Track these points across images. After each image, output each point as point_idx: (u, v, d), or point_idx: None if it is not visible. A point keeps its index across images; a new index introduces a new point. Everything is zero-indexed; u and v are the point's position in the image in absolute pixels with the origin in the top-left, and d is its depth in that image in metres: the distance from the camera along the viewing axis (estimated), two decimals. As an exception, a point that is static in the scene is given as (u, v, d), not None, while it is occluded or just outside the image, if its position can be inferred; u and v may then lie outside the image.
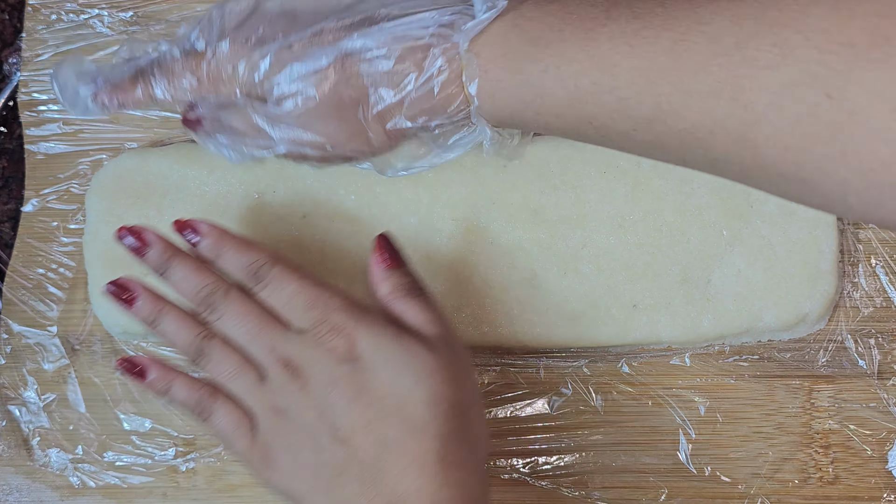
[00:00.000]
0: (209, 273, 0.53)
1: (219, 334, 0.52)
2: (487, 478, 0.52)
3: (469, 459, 0.49)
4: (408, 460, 0.48)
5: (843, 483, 0.60)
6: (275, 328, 0.51)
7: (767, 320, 0.60)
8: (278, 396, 0.50)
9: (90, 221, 0.63)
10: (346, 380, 0.49)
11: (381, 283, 0.53)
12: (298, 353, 0.50)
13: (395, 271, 0.53)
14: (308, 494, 0.50)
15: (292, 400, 0.50)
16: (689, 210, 0.61)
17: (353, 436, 0.49)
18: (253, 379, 0.51)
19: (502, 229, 0.61)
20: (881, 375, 0.61)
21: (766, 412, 0.61)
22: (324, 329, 0.50)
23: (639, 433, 0.61)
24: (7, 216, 0.67)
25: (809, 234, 0.60)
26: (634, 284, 0.60)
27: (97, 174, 0.64)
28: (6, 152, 0.68)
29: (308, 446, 0.50)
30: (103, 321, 0.63)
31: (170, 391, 0.53)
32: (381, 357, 0.49)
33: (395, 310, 0.52)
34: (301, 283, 0.52)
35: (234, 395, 0.52)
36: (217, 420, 0.52)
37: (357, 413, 0.49)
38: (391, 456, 0.48)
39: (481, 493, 0.49)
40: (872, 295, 0.62)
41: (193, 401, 0.53)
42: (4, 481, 0.63)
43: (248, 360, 0.52)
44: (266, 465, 0.51)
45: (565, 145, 0.62)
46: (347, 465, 0.49)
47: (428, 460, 0.48)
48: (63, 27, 0.67)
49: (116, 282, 0.54)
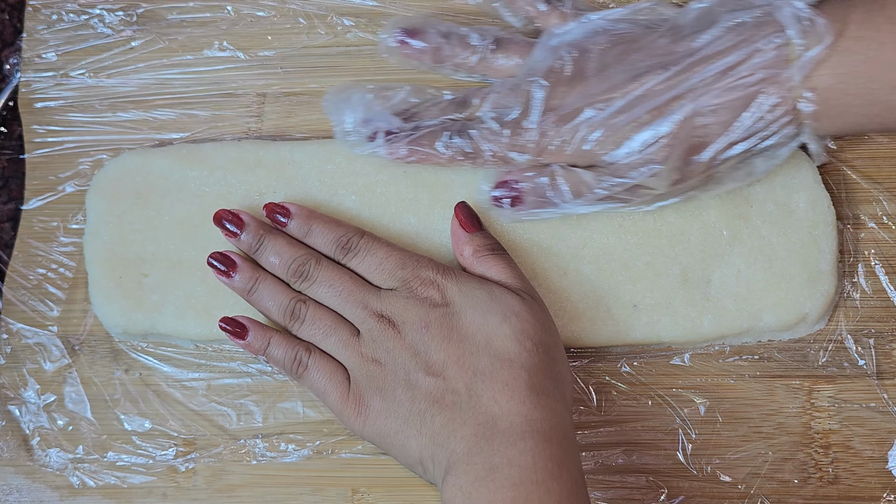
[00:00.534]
0: (301, 245, 0.58)
1: (313, 297, 0.57)
2: (572, 410, 0.55)
3: (556, 390, 0.53)
4: (499, 386, 0.51)
5: (843, 483, 0.60)
6: (367, 289, 0.56)
7: (767, 320, 0.60)
8: (373, 347, 0.55)
9: (90, 221, 0.63)
10: (438, 322, 0.53)
11: (464, 246, 0.58)
12: (391, 306, 0.55)
13: (475, 234, 0.58)
14: (400, 430, 0.53)
15: (387, 347, 0.54)
16: (689, 210, 0.61)
17: (445, 369, 0.52)
18: (347, 333, 0.56)
19: (503, 229, 0.61)
20: (881, 375, 0.61)
21: (766, 412, 0.61)
22: (416, 283, 0.55)
23: (639, 433, 0.61)
24: (7, 216, 0.67)
25: (809, 234, 0.60)
26: (634, 284, 0.60)
27: (97, 174, 0.64)
28: (6, 152, 0.68)
29: (401, 386, 0.53)
30: (103, 321, 0.63)
31: (267, 349, 0.58)
32: (469, 301, 0.54)
33: (479, 269, 0.57)
34: (389, 248, 0.57)
35: (328, 352, 0.57)
36: (312, 374, 0.56)
37: (449, 350, 0.53)
38: (482, 383, 0.51)
39: (568, 421, 0.52)
40: (872, 295, 0.62)
41: (290, 357, 0.57)
42: (4, 481, 0.63)
43: (341, 319, 0.56)
44: (358, 412, 0.55)
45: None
46: (440, 395, 0.52)
47: (518, 385, 0.51)
48: (64, 27, 0.67)
49: (218, 254, 0.59)
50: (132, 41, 0.67)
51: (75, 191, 0.65)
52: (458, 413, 0.51)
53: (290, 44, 0.66)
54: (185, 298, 0.61)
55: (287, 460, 0.62)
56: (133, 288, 0.62)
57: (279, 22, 0.66)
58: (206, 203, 0.62)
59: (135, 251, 0.62)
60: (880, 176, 0.64)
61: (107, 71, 0.66)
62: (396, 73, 0.65)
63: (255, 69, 0.66)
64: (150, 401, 0.63)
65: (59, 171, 0.66)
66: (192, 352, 0.63)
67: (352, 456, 0.62)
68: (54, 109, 0.66)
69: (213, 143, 0.64)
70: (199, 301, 0.61)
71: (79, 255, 0.65)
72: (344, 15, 0.66)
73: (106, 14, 0.67)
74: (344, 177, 0.62)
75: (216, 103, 0.66)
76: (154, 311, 0.62)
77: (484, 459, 0.49)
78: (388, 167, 0.62)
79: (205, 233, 0.62)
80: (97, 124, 0.66)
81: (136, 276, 0.62)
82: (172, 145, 0.65)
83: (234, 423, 0.62)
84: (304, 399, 0.62)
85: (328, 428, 0.62)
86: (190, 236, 0.62)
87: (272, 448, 0.62)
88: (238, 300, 0.60)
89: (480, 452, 0.50)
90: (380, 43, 0.63)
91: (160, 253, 0.62)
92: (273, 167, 0.63)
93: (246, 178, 0.63)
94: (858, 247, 0.62)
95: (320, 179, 0.62)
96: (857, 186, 0.63)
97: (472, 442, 0.50)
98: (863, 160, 0.64)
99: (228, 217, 0.59)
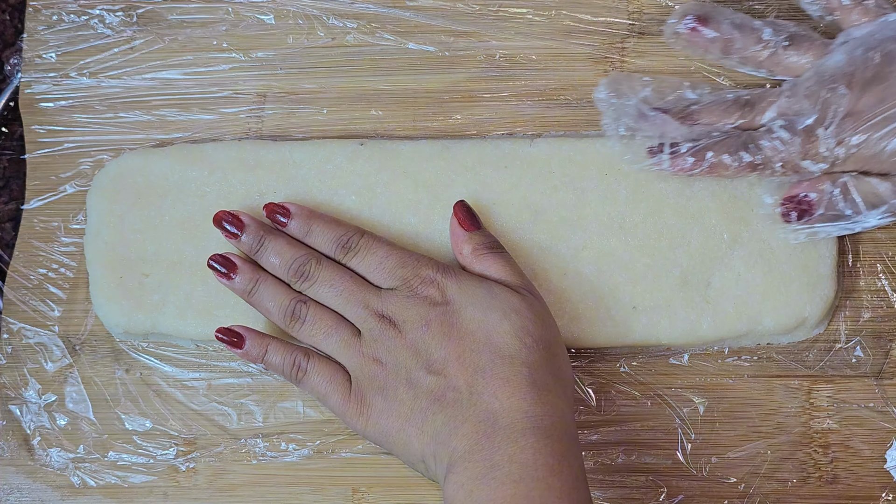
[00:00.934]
0: (301, 245, 0.58)
1: (313, 299, 0.57)
2: (573, 406, 0.55)
3: (557, 385, 0.53)
4: (500, 382, 0.51)
5: (842, 483, 0.60)
6: (368, 288, 0.56)
7: (766, 324, 0.60)
8: (374, 346, 0.55)
9: (91, 221, 0.63)
10: (438, 320, 0.53)
11: (463, 245, 0.58)
12: (392, 306, 0.55)
13: (474, 233, 0.58)
14: (402, 429, 0.53)
15: (388, 346, 0.54)
16: (689, 213, 0.61)
17: (446, 367, 0.53)
18: (348, 334, 0.56)
19: (503, 229, 0.61)
20: (880, 375, 0.61)
21: (765, 412, 0.61)
22: (416, 282, 0.55)
23: (638, 433, 0.61)
24: (8, 216, 0.67)
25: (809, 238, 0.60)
26: (634, 286, 0.60)
27: (98, 174, 0.64)
28: (7, 152, 0.68)
29: (403, 385, 0.53)
30: (104, 321, 0.63)
31: (265, 356, 0.58)
32: (469, 298, 0.54)
33: (478, 267, 0.57)
34: (390, 248, 0.57)
35: (329, 353, 0.56)
36: (312, 378, 0.56)
37: (450, 347, 0.53)
38: (483, 380, 0.52)
39: (570, 416, 0.53)
40: (872, 295, 0.62)
41: (289, 363, 0.57)
42: (5, 481, 0.63)
43: (342, 319, 0.56)
44: (360, 413, 0.54)
45: (566, 146, 0.62)
46: (442, 392, 0.52)
47: (519, 381, 0.51)
48: (64, 28, 0.67)
49: (218, 256, 0.59)
50: (133, 41, 0.66)
51: (76, 191, 0.65)
52: (459, 410, 0.51)
53: (290, 45, 0.66)
54: (185, 298, 0.61)
55: (288, 460, 0.62)
56: (134, 288, 0.62)
57: (279, 23, 0.66)
58: (207, 203, 0.62)
59: (136, 251, 0.62)
60: (880, 176, 0.64)
61: (107, 71, 0.66)
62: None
63: (255, 69, 0.66)
64: (151, 400, 0.63)
65: (60, 172, 0.66)
66: (193, 352, 0.63)
67: (352, 455, 0.62)
68: (55, 110, 0.66)
69: (213, 144, 0.64)
70: (200, 301, 0.61)
71: (80, 256, 0.65)
72: (344, 17, 0.66)
73: (106, 14, 0.67)
74: (344, 177, 0.62)
75: (217, 103, 0.66)
76: (155, 310, 0.62)
77: (485, 457, 0.49)
78: (388, 167, 0.62)
79: (205, 232, 0.62)
80: (98, 124, 0.66)
81: (137, 276, 0.62)
82: (173, 145, 0.65)
83: (235, 423, 0.63)
84: (305, 399, 0.62)
85: (328, 427, 0.62)
86: (191, 236, 0.62)
87: (273, 448, 0.62)
88: (239, 299, 0.60)
89: (481, 450, 0.50)
90: (667, 26, 0.61)
91: (161, 253, 0.62)
92: (273, 167, 0.63)
93: (246, 179, 0.63)
94: (858, 246, 0.62)
95: (320, 179, 0.62)
96: (856, 187, 0.63)
97: (474, 439, 0.50)
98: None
99: (228, 219, 0.59)
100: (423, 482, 0.60)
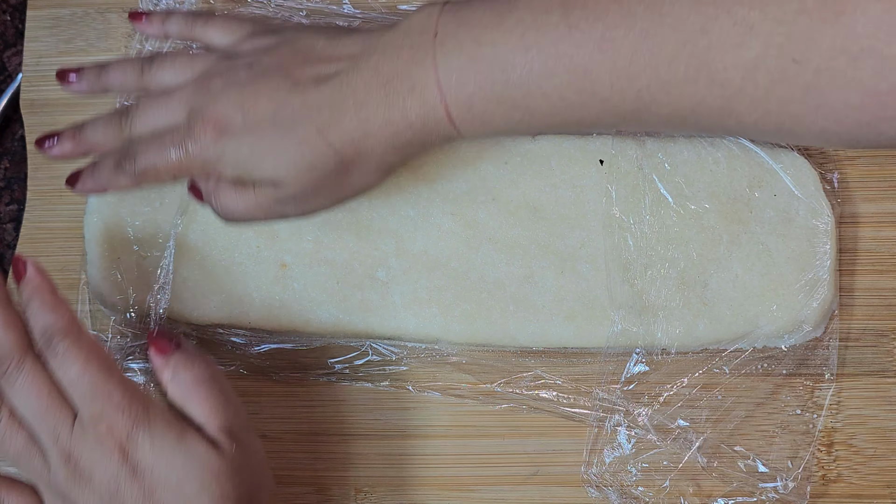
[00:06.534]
0: (13, 332, 0.51)
1: (7, 404, 0.51)
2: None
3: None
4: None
5: (846, 481, 0.60)
6: (61, 412, 0.50)
7: (764, 326, 0.59)
8: (62, 487, 0.50)
9: (91, 201, 0.63)
10: (129, 485, 0.49)
11: (161, 372, 0.53)
12: (80, 449, 0.49)
13: (170, 357, 0.53)
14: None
15: (77, 495, 0.49)
16: (688, 213, 0.61)
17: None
18: (39, 463, 0.50)
19: (501, 226, 0.61)
20: (883, 374, 0.61)
21: (769, 411, 0.61)
22: (103, 429, 0.49)
23: (638, 433, 0.61)
24: (9, 217, 0.68)
25: (808, 241, 0.60)
26: (632, 286, 0.60)
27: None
28: (8, 153, 0.69)
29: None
30: (99, 301, 0.63)
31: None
32: (164, 463, 0.49)
33: (179, 400, 0.52)
34: (85, 366, 0.50)
35: (22, 473, 0.52)
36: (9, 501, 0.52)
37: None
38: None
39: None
40: (873, 293, 0.62)
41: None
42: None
43: (34, 442, 0.50)
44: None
45: (567, 144, 0.62)
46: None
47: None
48: (65, 28, 0.67)
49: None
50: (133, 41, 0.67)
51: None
52: None
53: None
54: (182, 281, 0.61)
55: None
56: (131, 268, 0.62)
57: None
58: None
59: (134, 232, 0.62)
60: (882, 174, 0.63)
61: (108, 71, 0.67)
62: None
63: (255, 69, 0.66)
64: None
65: (62, 172, 0.66)
66: (190, 338, 0.63)
67: (355, 455, 0.62)
68: (56, 110, 0.67)
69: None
70: (196, 284, 0.61)
71: (81, 257, 0.65)
72: (343, 19, 0.66)
73: (107, 15, 0.67)
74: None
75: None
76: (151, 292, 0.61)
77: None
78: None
79: (204, 216, 0.62)
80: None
81: (135, 257, 0.62)
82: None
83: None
84: (305, 398, 0.63)
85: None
86: (190, 220, 0.62)
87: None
88: (233, 283, 0.60)
89: None
90: None
91: (159, 235, 0.62)
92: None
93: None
94: (858, 245, 0.62)
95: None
96: (858, 184, 0.63)
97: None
98: (865, 158, 0.64)
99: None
100: (425, 483, 0.61)
